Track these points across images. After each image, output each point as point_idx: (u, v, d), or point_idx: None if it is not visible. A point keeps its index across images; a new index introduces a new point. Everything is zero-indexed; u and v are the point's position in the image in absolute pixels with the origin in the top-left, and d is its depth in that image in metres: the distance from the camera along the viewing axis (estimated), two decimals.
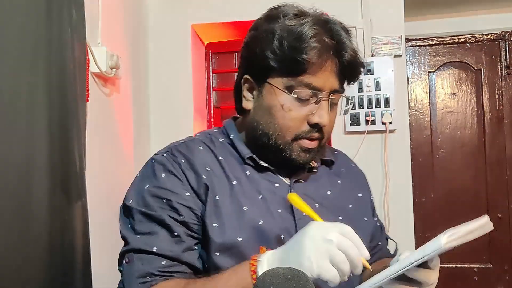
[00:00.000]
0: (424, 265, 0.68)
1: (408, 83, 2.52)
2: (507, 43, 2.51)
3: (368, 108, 2.01)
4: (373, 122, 2.00)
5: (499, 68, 2.53)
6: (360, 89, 2.02)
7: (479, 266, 2.50)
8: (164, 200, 0.77)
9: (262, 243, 0.75)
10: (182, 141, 0.87)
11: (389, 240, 1.05)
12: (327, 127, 0.82)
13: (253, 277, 0.67)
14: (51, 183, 1.14)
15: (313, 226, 0.66)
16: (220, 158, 0.84)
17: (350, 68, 0.82)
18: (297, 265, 0.62)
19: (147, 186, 0.79)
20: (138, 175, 0.85)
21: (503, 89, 2.52)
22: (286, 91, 0.79)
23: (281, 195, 0.83)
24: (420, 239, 2.48)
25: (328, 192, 0.90)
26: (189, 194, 0.79)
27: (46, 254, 1.12)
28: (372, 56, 2.04)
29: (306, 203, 0.73)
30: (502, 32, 2.51)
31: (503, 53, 2.52)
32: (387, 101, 2.00)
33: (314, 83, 0.78)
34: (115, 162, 1.73)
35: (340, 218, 0.86)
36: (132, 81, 1.96)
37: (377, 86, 2.00)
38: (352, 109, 2.02)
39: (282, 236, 0.79)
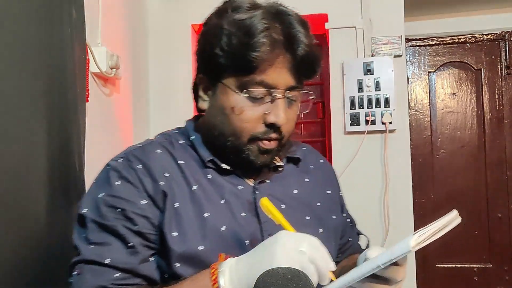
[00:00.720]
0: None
1: (408, 83, 2.52)
2: (507, 43, 2.51)
3: (368, 108, 2.01)
4: (373, 122, 2.00)
5: (499, 68, 2.53)
6: (360, 89, 2.02)
7: (479, 266, 2.50)
8: (119, 210, 0.72)
9: (226, 250, 0.71)
10: (140, 145, 0.82)
11: (360, 235, 1.03)
12: (287, 126, 0.78)
13: (214, 286, 0.63)
14: (50, 183, 1.14)
15: (284, 236, 0.64)
16: (180, 162, 0.79)
17: (305, 63, 0.76)
18: None
19: (102, 194, 0.74)
20: (94, 182, 0.79)
21: (503, 89, 2.52)
22: (238, 91, 0.75)
23: (245, 198, 0.79)
24: None
25: (295, 191, 0.86)
26: (145, 202, 0.73)
27: (46, 254, 1.12)
28: (372, 56, 2.04)
29: (278, 210, 0.70)
30: (502, 32, 2.51)
31: (503, 53, 2.52)
32: (387, 101, 2.00)
33: (267, 80, 0.73)
34: None
35: (308, 218, 0.84)
36: (132, 81, 1.96)
37: (377, 86, 2.01)
38: (352, 109, 2.03)
39: (247, 242, 0.75)
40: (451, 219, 0.63)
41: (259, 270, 0.60)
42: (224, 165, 0.80)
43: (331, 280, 0.64)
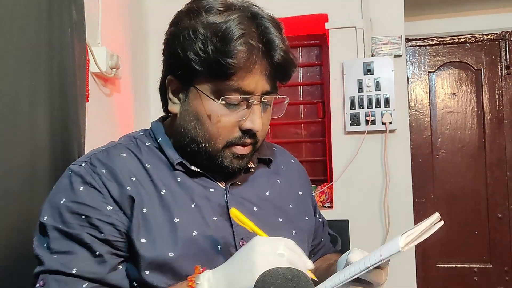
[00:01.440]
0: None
1: (408, 83, 2.52)
2: (507, 43, 2.51)
3: (368, 108, 2.01)
4: (373, 122, 2.00)
5: (499, 68, 2.53)
6: (360, 89, 2.02)
7: (479, 266, 2.50)
8: (83, 217, 0.69)
9: (197, 256, 0.70)
10: (103, 148, 0.78)
11: (331, 234, 1.03)
12: (262, 131, 0.77)
13: None
14: (51, 183, 1.14)
15: (260, 242, 0.62)
16: (147, 165, 0.76)
17: (281, 69, 0.74)
18: (250, 283, 0.58)
19: (64, 200, 0.71)
20: (54, 187, 0.75)
21: (503, 89, 2.52)
22: (213, 97, 0.72)
23: (216, 201, 0.77)
24: None
25: (267, 193, 0.85)
26: (111, 209, 0.70)
27: None
28: (372, 56, 2.04)
29: (248, 219, 0.69)
30: (502, 32, 2.51)
31: (503, 53, 2.52)
32: (387, 101, 2.00)
33: (244, 87, 0.72)
34: None
35: (280, 220, 0.83)
36: (132, 81, 1.96)
37: (377, 86, 2.00)
38: (352, 109, 2.03)
39: (219, 246, 0.73)
40: (433, 222, 0.62)
41: (239, 280, 0.60)
42: (194, 168, 0.78)
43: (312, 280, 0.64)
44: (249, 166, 0.84)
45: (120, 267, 0.72)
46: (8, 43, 1.02)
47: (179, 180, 0.77)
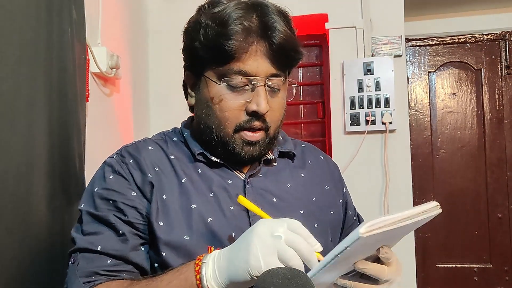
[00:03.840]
0: (377, 260, 0.66)
1: (408, 83, 2.52)
2: (507, 43, 2.51)
3: (368, 108, 2.01)
4: (373, 122, 2.00)
5: (499, 68, 2.53)
6: (360, 89, 2.02)
7: (479, 266, 2.49)
8: (111, 201, 0.77)
9: (211, 242, 0.73)
10: (134, 142, 0.86)
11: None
12: (271, 115, 0.78)
13: (197, 277, 0.64)
14: (50, 183, 1.15)
15: (261, 223, 0.64)
16: (171, 157, 0.82)
17: (283, 51, 0.75)
18: (245, 263, 0.60)
19: (97, 188, 0.79)
20: (91, 178, 0.84)
21: (503, 89, 2.52)
22: (218, 81, 0.76)
23: (235, 192, 0.80)
24: (420, 239, 2.48)
25: (289, 185, 0.86)
26: (134, 194, 0.77)
27: (46, 254, 1.12)
28: (372, 56, 2.04)
29: (253, 204, 0.71)
30: (502, 32, 2.51)
31: (503, 53, 2.52)
32: (387, 101, 2.00)
33: (245, 69, 0.74)
34: None
35: (302, 212, 0.83)
36: (132, 81, 1.96)
37: (377, 86, 2.01)
38: (352, 109, 2.03)
39: (234, 234, 0.76)
40: (425, 210, 0.61)
41: (236, 259, 0.62)
42: (213, 158, 0.81)
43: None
44: (269, 157, 0.85)
45: (142, 248, 0.77)
46: (8, 43, 1.02)
47: (199, 171, 0.82)
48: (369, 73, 2.01)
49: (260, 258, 0.60)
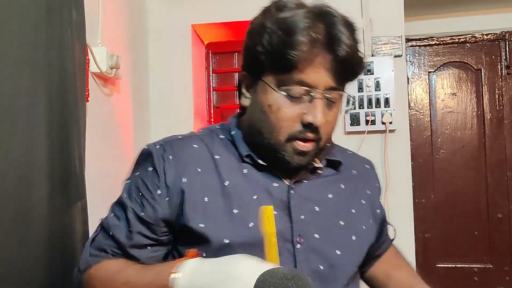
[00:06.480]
0: None
1: (408, 83, 2.52)
2: (507, 43, 2.51)
3: (368, 108, 2.01)
4: (373, 122, 2.00)
5: (499, 68, 2.53)
6: (360, 89, 2.02)
7: (479, 266, 2.50)
8: (140, 194, 0.79)
9: (251, 246, 0.72)
10: (181, 137, 0.84)
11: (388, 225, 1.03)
12: (325, 128, 0.77)
13: (171, 275, 0.65)
14: (50, 184, 1.14)
15: (242, 266, 0.62)
16: (216, 156, 0.81)
17: (346, 65, 0.74)
18: None
19: (138, 173, 0.81)
20: (133, 163, 0.85)
21: (503, 89, 2.52)
22: (276, 89, 0.75)
23: (279, 196, 0.79)
24: (420, 239, 2.48)
25: (330, 195, 0.85)
26: (160, 193, 0.77)
27: (46, 255, 1.12)
28: (372, 56, 2.04)
29: (274, 226, 0.67)
30: (502, 32, 2.51)
31: (503, 53, 2.52)
32: (387, 101, 2.00)
33: (306, 80, 0.73)
34: (115, 163, 1.73)
35: (342, 223, 0.83)
36: (132, 81, 1.96)
37: (377, 86, 2.00)
38: (352, 109, 2.02)
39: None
40: None
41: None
42: (260, 161, 0.80)
43: None
44: (316, 165, 0.84)
45: (149, 248, 0.79)
46: (7, 43, 1.02)
47: (245, 172, 0.81)
48: (369, 73, 2.01)
49: None
